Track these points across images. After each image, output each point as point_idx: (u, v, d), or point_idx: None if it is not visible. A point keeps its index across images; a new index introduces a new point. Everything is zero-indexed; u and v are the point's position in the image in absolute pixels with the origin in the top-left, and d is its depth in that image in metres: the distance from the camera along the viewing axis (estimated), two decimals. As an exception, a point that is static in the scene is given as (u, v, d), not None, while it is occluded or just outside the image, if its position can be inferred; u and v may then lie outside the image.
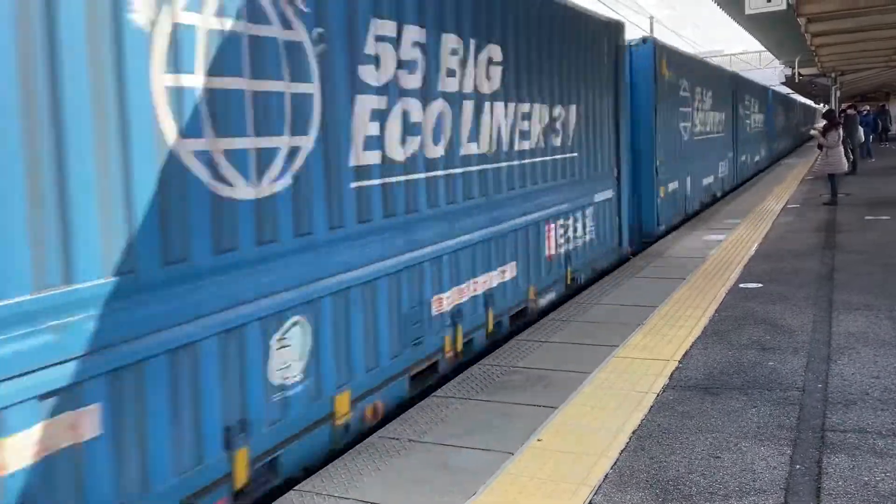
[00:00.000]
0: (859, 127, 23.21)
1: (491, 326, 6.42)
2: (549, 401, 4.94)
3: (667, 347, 5.91)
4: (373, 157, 4.85)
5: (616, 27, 9.71)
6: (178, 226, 3.47)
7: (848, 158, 17.14)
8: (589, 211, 8.76)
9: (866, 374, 5.15)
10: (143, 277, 3.29)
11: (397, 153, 5.12)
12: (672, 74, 12.57)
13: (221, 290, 3.69)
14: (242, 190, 3.82)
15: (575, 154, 8.30)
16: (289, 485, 4.04)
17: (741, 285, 8.02)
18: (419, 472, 4.05)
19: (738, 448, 4.08)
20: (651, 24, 42.46)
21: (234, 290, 3.77)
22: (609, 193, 9.47)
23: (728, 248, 10.46)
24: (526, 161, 7.06)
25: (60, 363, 2.94)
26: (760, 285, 7.98)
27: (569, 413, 4.67)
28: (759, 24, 24.35)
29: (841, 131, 15.56)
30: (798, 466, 3.84)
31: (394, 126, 5.07)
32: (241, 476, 3.80)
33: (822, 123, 16.33)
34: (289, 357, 4.13)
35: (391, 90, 5.03)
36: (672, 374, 5.30)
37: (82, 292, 3.03)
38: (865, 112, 30.50)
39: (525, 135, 7.03)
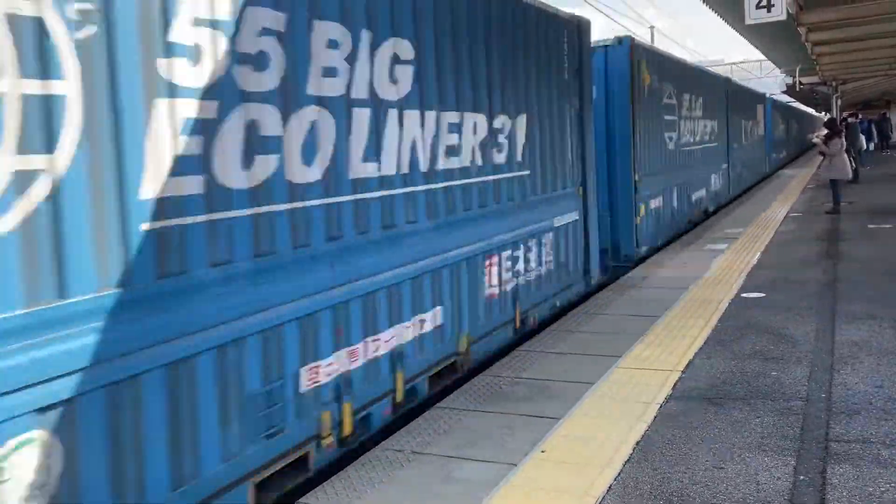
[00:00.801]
0: (860, 135, 23.24)
1: (704, 211, 15.50)
2: (552, 412, 4.94)
3: (669, 358, 5.91)
4: (687, 141, 13.72)
5: (726, 79, 19.47)
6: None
7: (851, 166, 17.15)
8: (721, 173, 17.82)
9: (869, 383, 5.15)
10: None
11: (690, 139, 13.84)
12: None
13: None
14: (671, 144, 12.73)
15: (716, 143, 17.09)
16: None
17: (744, 295, 8.02)
18: (423, 484, 4.05)
19: (742, 459, 4.08)
20: (652, 34, 42.65)
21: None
22: (725, 166, 18.53)
23: (730, 257, 10.46)
24: (705, 146, 15.74)
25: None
26: (763, 295, 7.98)
27: (572, 424, 4.67)
28: (759, 34, 24.44)
29: (843, 139, 15.58)
30: (802, 477, 3.84)
31: (685, 129, 13.48)
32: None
33: (823, 132, 16.35)
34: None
35: (680, 116, 13.14)
36: (675, 385, 5.30)
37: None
38: (860, 120, 30.57)
39: (704, 133, 15.65)
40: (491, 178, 6.45)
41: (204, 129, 3.60)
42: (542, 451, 4.29)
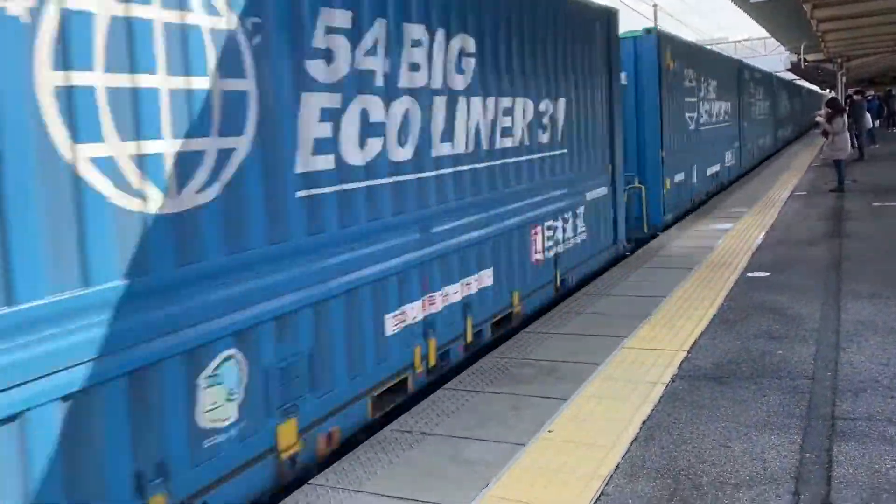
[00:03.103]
0: (866, 113, 23.11)
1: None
2: (559, 392, 4.98)
3: (676, 338, 5.93)
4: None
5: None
6: None
7: (853, 144, 17.11)
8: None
9: (875, 361, 5.17)
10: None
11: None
12: None
13: None
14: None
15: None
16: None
17: (749, 274, 8.03)
18: (432, 464, 4.10)
19: (749, 437, 4.11)
20: (655, 12, 42.20)
21: None
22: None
23: (735, 236, 10.46)
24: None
25: None
26: (768, 274, 7.99)
27: (579, 404, 4.71)
28: (764, 12, 24.21)
29: (845, 118, 15.55)
30: (808, 455, 3.87)
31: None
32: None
33: (825, 111, 16.29)
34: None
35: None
36: (681, 365, 5.32)
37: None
38: (871, 97, 30.38)
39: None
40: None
41: None
42: (550, 431, 4.32)
